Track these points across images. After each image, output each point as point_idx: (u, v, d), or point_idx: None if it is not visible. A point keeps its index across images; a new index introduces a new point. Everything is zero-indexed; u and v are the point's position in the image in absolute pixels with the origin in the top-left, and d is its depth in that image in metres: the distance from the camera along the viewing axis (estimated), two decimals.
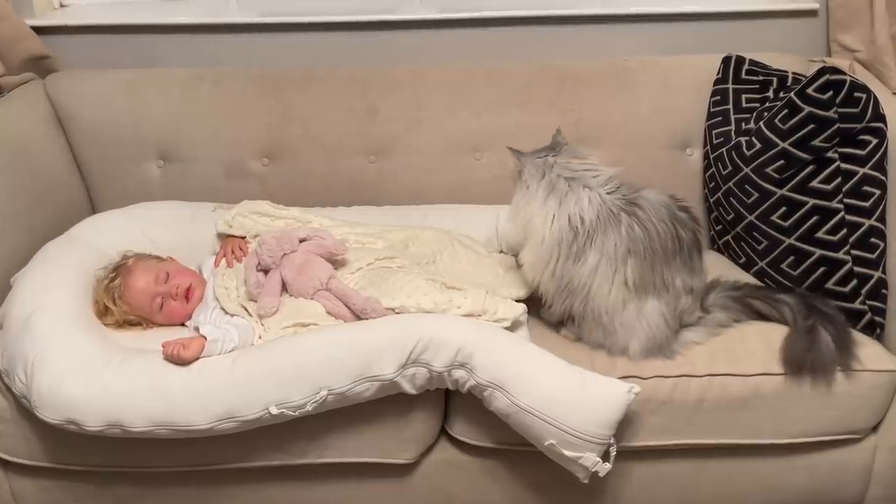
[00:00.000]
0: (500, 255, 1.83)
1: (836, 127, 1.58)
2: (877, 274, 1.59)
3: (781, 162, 1.66)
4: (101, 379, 1.38)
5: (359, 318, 1.50)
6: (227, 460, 1.53)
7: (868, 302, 1.58)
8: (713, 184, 1.90)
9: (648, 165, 2.02)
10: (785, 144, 1.65)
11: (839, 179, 1.60)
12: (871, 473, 1.62)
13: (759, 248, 1.75)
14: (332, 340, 1.42)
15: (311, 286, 1.55)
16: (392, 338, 1.40)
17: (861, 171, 1.60)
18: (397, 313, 1.48)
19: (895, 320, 1.58)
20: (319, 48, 2.19)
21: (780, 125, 1.66)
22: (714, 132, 1.93)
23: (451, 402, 1.55)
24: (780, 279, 1.71)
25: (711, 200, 1.92)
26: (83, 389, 1.37)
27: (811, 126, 1.60)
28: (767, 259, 1.73)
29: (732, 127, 1.87)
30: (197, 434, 1.40)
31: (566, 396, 1.39)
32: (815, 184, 1.62)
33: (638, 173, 1.87)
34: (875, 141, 1.60)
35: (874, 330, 1.58)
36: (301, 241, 1.62)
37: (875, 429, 1.59)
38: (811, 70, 1.96)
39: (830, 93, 1.57)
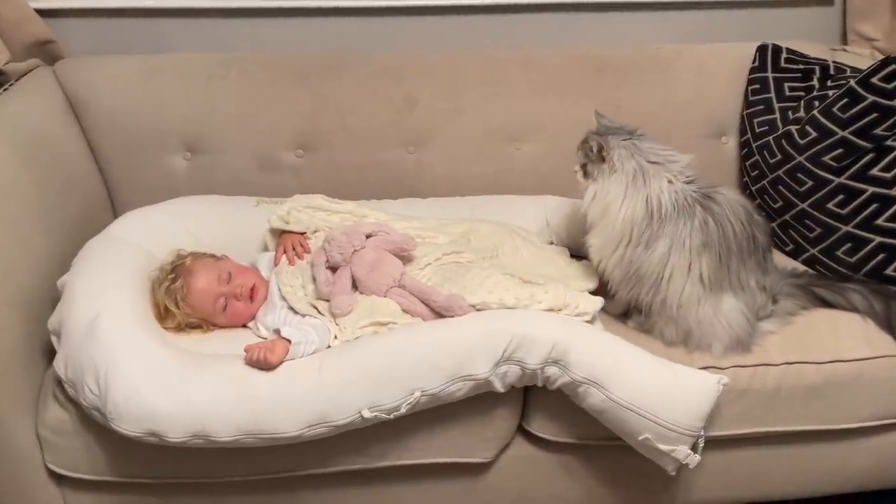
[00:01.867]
0: (555, 246, 1.80)
1: None
2: None
3: (840, 150, 1.68)
4: (183, 387, 1.30)
5: (439, 315, 1.45)
6: (304, 466, 1.46)
7: None
8: (756, 172, 1.92)
9: (685, 154, 2.01)
10: (844, 133, 1.67)
11: None
12: None
13: (811, 235, 1.76)
14: (423, 340, 1.37)
15: (385, 283, 1.50)
16: (484, 336, 1.36)
17: None
18: (478, 310, 1.44)
19: None
20: (343, 35, 2.11)
21: (839, 114, 1.68)
22: (755, 121, 1.94)
23: (529, 398, 1.52)
24: (834, 266, 1.73)
25: (754, 188, 1.94)
26: (164, 399, 1.29)
27: (874, 115, 1.62)
28: (820, 246, 1.75)
29: (777, 115, 1.89)
30: (284, 441, 1.33)
31: (661, 390, 1.38)
32: (875, 172, 1.65)
33: None
34: None
35: None
36: (367, 236, 1.55)
37: None
38: (835, 58, 2.01)
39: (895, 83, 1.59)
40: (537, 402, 1.51)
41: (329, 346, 1.43)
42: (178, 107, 1.92)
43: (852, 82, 1.66)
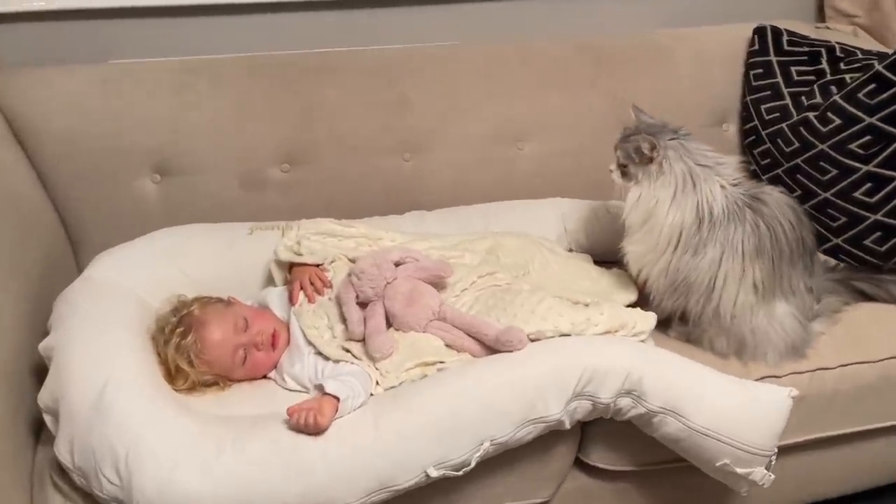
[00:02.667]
0: (579, 254, 1.69)
1: None
2: None
3: (868, 138, 1.63)
4: (222, 465, 1.11)
5: (491, 349, 1.31)
6: None
7: None
8: (768, 160, 1.86)
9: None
10: (872, 119, 1.62)
11: None
12: None
13: (835, 224, 1.72)
14: (489, 384, 1.23)
15: (424, 317, 1.34)
16: (554, 373, 1.23)
17: None
18: (532, 340, 1.31)
19: None
20: (317, 31, 1.91)
21: (865, 100, 1.63)
22: (763, 107, 1.88)
23: (587, 429, 1.41)
24: (862, 255, 1.69)
25: (765, 177, 1.87)
26: (202, 482, 1.10)
27: None
28: (846, 236, 1.70)
29: (788, 101, 1.83)
30: None
31: (739, 412, 1.29)
32: None
33: None
34: None
35: None
36: (395, 264, 1.39)
37: None
38: (820, 35, 1.96)
39: None
40: (596, 432, 1.39)
41: (372, 394, 1.27)
42: (142, 123, 1.68)
43: (879, 67, 1.60)
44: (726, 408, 1.28)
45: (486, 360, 1.28)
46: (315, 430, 1.15)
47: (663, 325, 1.52)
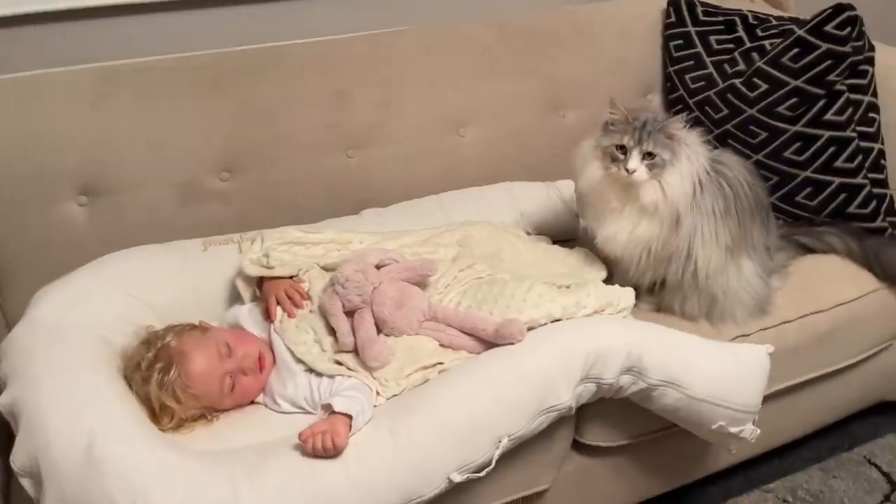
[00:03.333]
0: (541, 237, 1.70)
1: (849, 61, 1.67)
2: (889, 192, 1.73)
3: (794, 99, 1.72)
4: None
5: (488, 344, 1.29)
6: None
7: (888, 219, 1.73)
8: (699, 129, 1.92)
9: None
10: (798, 82, 1.71)
11: (851, 109, 1.70)
12: None
13: (768, 184, 1.79)
14: (501, 381, 1.21)
15: (416, 319, 1.31)
16: (561, 361, 1.23)
17: (865, 98, 1.72)
18: (528, 329, 1.30)
19: None
20: (236, 26, 1.79)
21: (790, 64, 1.72)
22: (687, 77, 1.94)
23: (581, 410, 1.41)
24: (796, 211, 1.79)
25: None
26: None
27: (828, 62, 1.68)
28: (779, 194, 1.80)
29: (712, 70, 1.90)
30: None
31: (729, 375, 1.34)
32: (829, 116, 1.71)
33: None
34: (871, 69, 1.71)
35: None
36: (376, 267, 1.34)
37: None
38: (724, 3, 2.06)
39: (848, 29, 1.64)
40: (591, 412, 1.40)
41: (375, 406, 1.22)
42: (60, 140, 1.53)
43: (801, 32, 1.69)
44: (718, 372, 1.32)
45: (489, 356, 1.26)
46: (333, 453, 1.09)
47: None
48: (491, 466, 1.18)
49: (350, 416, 1.13)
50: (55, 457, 1.05)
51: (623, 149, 1.37)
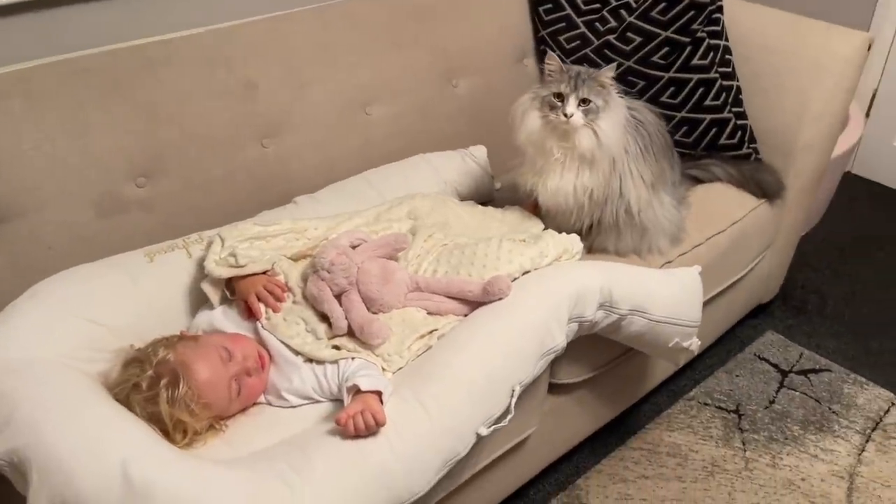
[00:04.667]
0: (469, 201, 1.77)
1: (707, 10, 1.88)
2: (748, 122, 1.98)
3: (666, 49, 1.92)
4: (304, 498, 1.02)
5: (474, 305, 1.35)
6: None
7: (751, 145, 1.98)
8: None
9: (506, 83, 2.09)
10: (668, 33, 1.90)
11: (712, 53, 1.92)
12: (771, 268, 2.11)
13: None
14: (504, 335, 1.27)
15: (401, 292, 1.33)
16: (552, 307, 1.31)
17: (722, 43, 1.94)
18: None
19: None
20: (119, 21, 1.66)
21: (659, 17, 1.91)
22: (561, 38, 2.09)
23: None
24: (677, 149, 1.99)
25: None
26: None
27: (691, 13, 1.88)
28: None
29: (584, 29, 2.05)
30: (417, 501, 1.15)
31: (678, 296, 1.50)
32: (695, 61, 1.92)
33: (500, 92, 1.97)
34: (722, 17, 1.94)
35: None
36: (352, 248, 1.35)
37: None
38: None
39: None
40: (562, 354, 1.50)
41: None
42: None
43: None
44: (670, 296, 1.48)
45: (483, 314, 1.31)
46: (375, 430, 1.10)
47: None
48: (511, 414, 1.24)
49: (379, 392, 1.14)
50: (90, 494, 0.96)
51: (560, 96, 1.47)
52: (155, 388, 1.12)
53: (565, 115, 1.45)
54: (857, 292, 2.36)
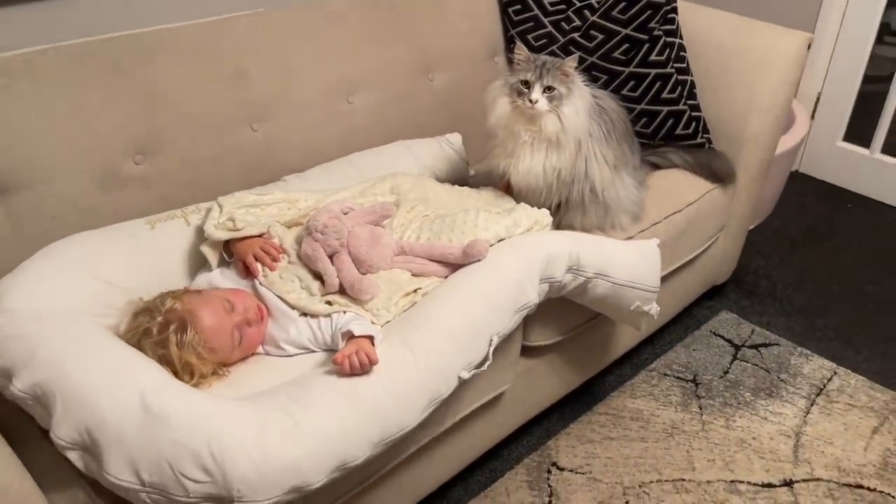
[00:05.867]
0: (448, 183, 1.89)
1: (663, 10, 2.05)
2: (702, 114, 2.15)
3: (626, 45, 2.08)
4: (303, 427, 1.13)
5: (454, 267, 1.47)
6: (388, 462, 1.39)
7: (704, 135, 2.15)
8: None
9: (478, 78, 2.22)
10: (627, 30, 2.06)
11: (668, 50, 2.09)
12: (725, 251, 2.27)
13: None
14: (485, 288, 1.39)
15: (388, 255, 1.45)
16: (525, 266, 1.44)
17: (677, 41, 2.11)
18: None
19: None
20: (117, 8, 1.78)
21: (619, 16, 2.07)
22: (529, 37, 2.24)
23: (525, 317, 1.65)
24: (638, 139, 2.15)
25: None
26: (294, 447, 1.11)
27: (648, 12, 2.04)
28: None
29: (550, 28, 2.21)
30: (406, 435, 1.26)
31: (639, 263, 1.64)
32: (653, 57, 2.08)
33: (473, 86, 2.08)
34: (677, 17, 2.11)
35: None
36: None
37: None
38: None
39: None
40: (533, 317, 1.64)
41: None
42: None
43: None
44: (631, 262, 1.62)
45: (466, 273, 1.44)
46: (368, 368, 1.22)
47: None
48: (489, 361, 1.37)
49: (371, 337, 1.25)
50: (111, 421, 1.06)
51: (527, 84, 1.61)
52: (165, 332, 1.22)
53: (531, 101, 1.59)
54: (804, 278, 2.53)
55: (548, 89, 1.60)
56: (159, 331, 1.23)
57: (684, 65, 2.12)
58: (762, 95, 2.05)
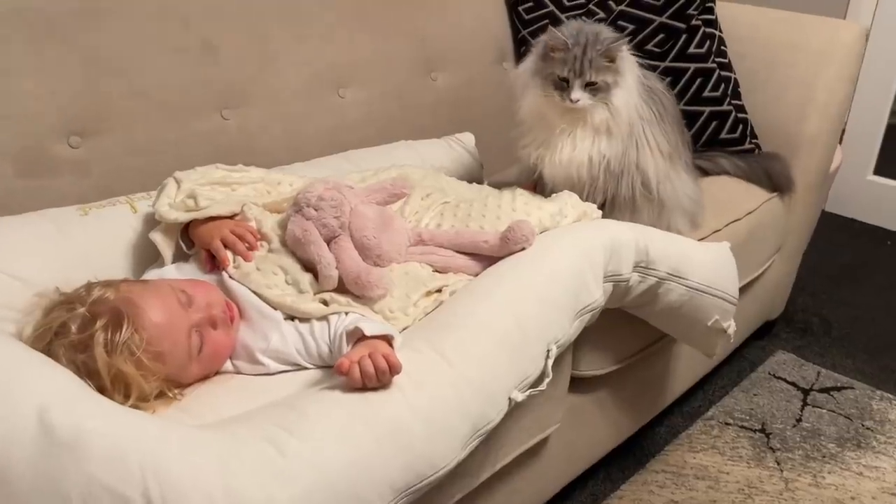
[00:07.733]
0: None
1: None
2: (748, 116, 1.86)
3: (661, 35, 1.79)
4: (298, 460, 0.73)
5: (489, 261, 1.11)
6: None
7: (752, 140, 1.84)
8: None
9: (486, 83, 1.94)
10: (663, 18, 1.79)
11: (708, 42, 1.81)
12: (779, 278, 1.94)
13: None
14: (535, 281, 1.03)
15: (402, 242, 1.09)
16: (585, 256, 1.09)
17: (717, 33, 1.84)
18: None
19: None
20: None
21: (653, 2, 1.79)
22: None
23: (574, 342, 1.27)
24: None
25: None
26: (283, 488, 0.71)
27: None
28: None
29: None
30: (439, 480, 0.86)
31: (716, 264, 1.30)
32: (692, 49, 1.80)
33: (481, 91, 1.88)
34: (714, 6, 1.85)
35: None
36: None
37: None
38: None
39: None
40: (583, 340, 1.26)
41: None
42: None
43: None
44: (708, 262, 1.28)
45: (507, 263, 1.07)
46: (388, 377, 0.83)
47: None
48: (549, 377, 0.99)
49: (388, 337, 0.87)
50: None
51: (565, 80, 1.29)
52: (89, 329, 0.83)
53: (571, 101, 1.27)
54: (859, 316, 2.20)
55: (590, 84, 1.28)
56: (80, 328, 0.84)
57: (726, 60, 1.84)
58: (821, 91, 1.77)
